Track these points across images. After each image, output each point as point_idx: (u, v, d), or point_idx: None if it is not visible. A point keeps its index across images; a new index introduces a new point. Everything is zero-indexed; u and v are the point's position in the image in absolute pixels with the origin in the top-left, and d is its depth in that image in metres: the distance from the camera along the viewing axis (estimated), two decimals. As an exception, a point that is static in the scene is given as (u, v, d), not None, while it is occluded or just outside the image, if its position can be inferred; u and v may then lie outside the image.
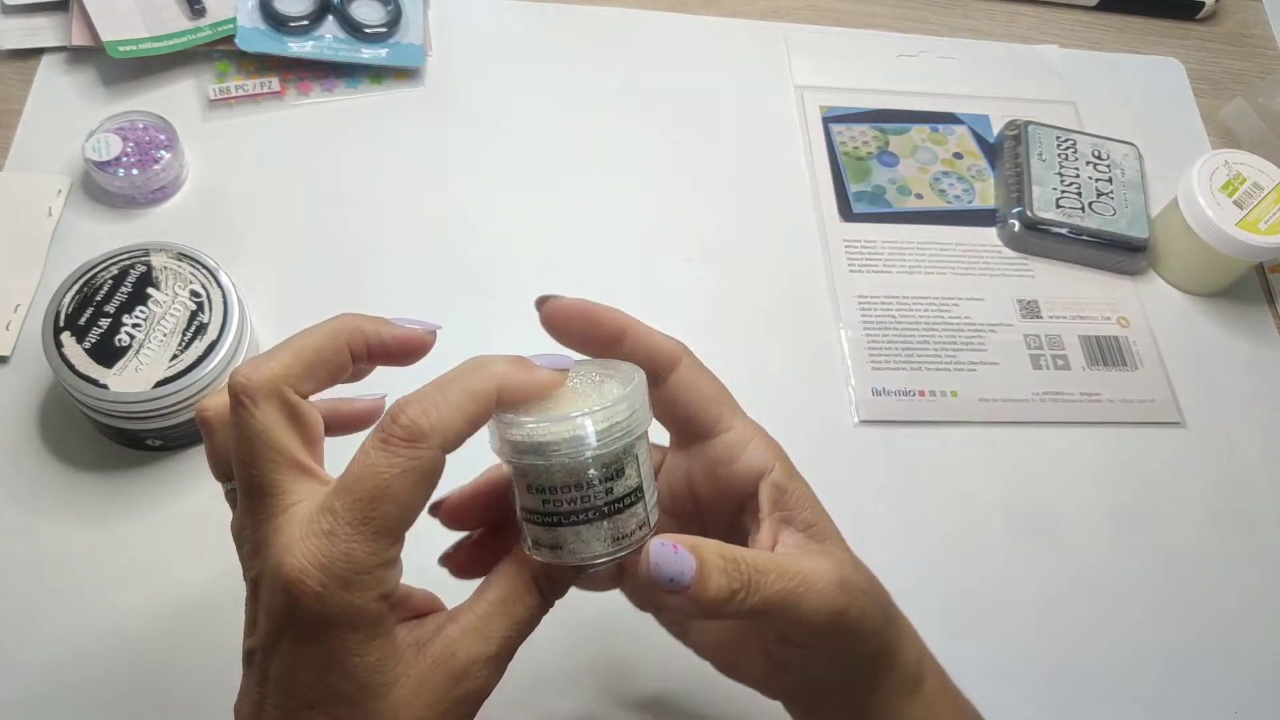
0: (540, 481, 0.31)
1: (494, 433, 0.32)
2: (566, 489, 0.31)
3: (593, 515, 0.31)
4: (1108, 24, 0.80)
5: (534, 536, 0.32)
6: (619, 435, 0.31)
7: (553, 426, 0.31)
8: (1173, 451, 0.61)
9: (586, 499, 0.31)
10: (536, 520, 0.32)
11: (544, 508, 0.31)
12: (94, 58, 0.64)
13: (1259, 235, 0.62)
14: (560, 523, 0.31)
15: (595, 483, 0.31)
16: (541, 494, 0.31)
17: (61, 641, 0.48)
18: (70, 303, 0.50)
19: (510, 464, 0.32)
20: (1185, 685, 0.54)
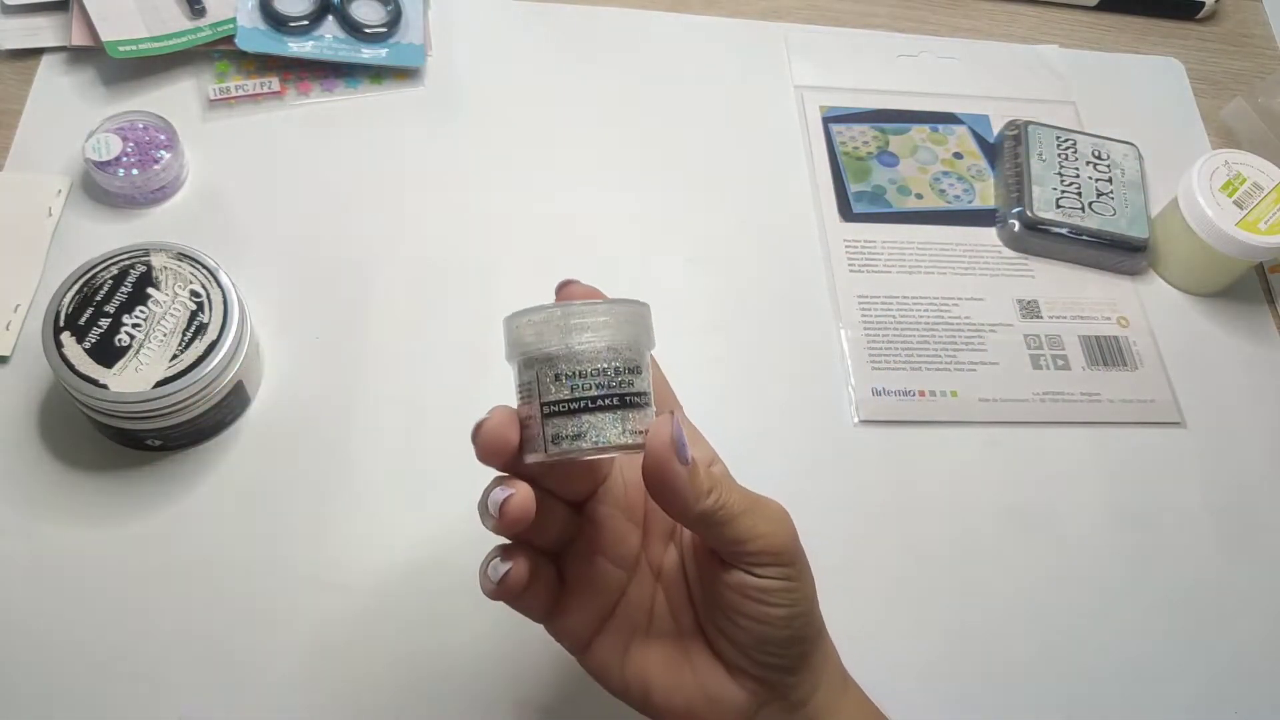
0: (571, 367, 0.34)
1: (518, 326, 0.34)
2: (595, 374, 0.33)
3: (614, 402, 0.34)
4: (1108, 24, 0.80)
5: (554, 431, 0.34)
6: (639, 329, 0.34)
7: (585, 310, 0.34)
8: (1173, 451, 0.61)
9: (610, 385, 0.34)
10: (562, 409, 0.34)
11: (571, 394, 0.33)
12: (94, 58, 0.64)
13: (1259, 235, 0.62)
14: (586, 408, 0.33)
15: (618, 372, 0.34)
16: (571, 380, 0.34)
17: (61, 641, 0.48)
18: (70, 303, 0.50)
19: (536, 355, 0.34)
20: (1185, 685, 0.54)
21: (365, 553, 0.52)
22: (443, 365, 0.58)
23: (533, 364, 0.34)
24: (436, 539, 0.53)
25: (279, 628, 0.49)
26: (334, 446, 0.55)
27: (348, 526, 0.52)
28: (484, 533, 0.53)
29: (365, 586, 0.51)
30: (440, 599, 0.51)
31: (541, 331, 0.34)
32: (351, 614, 0.50)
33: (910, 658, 0.43)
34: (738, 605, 0.36)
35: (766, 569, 0.36)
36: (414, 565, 0.52)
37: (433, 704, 0.49)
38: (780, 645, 0.37)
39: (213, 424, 0.53)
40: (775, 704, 0.38)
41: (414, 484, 0.54)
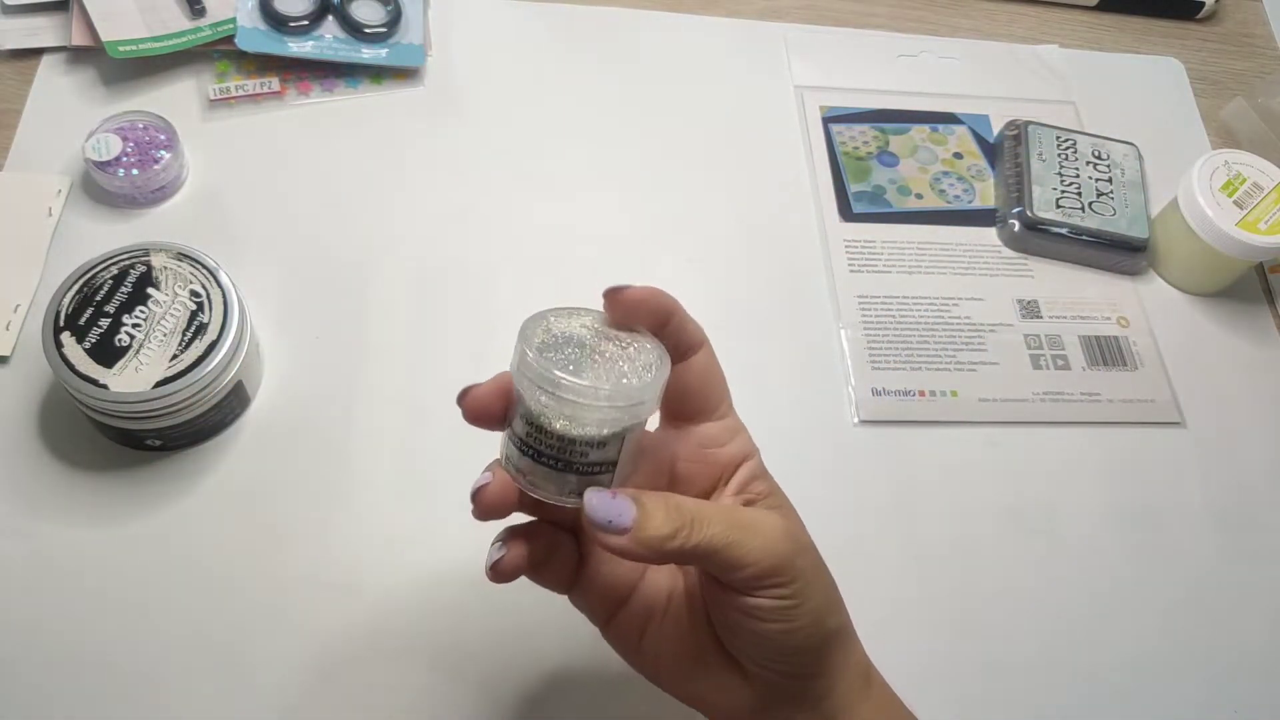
0: (536, 419, 0.34)
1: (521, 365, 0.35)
2: (553, 436, 0.34)
3: (564, 468, 0.34)
4: (1108, 24, 0.80)
5: (508, 453, 0.36)
6: (624, 422, 0.34)
7: (576, 383, 0.33)
8: (1173, 451, 0.61)
9: (567, 452, 0.34)
10: (518, 445, 0.35)
11: (528, 439, 0.35)
12: (94, 58, 0.64)
13: (1259, 235, 0.62)
14: (536, 458, 0.35)
15: (580, 444, 0.34)
16: (532, 427, 0.34)
17: (61, 641, 0.48)
18: (70, 303, 0.50)
19: (520, 387, 0.35)
20: (1185, 685, 0.54)
21: (365, 552, 0.52)
22: (442, 365, 0.58)
23: (520, 386, 0.35)
24: (437, 538, 0.53)
25: (279, 627, 0.49)
26: (334, 446, 0.55)
27: (347, 526, 0.52)
28: (484, 530, 0.53)
29: (366, 586, 0.51)
30: (441, 597, 0.51)
31: (534, 382, 0.34)
32: (352, 613, 0.50)
33: (909, 657, 0.43)
34: (737, 621, 0.36)
35: (763, 590, 0.35)
36: (414, 564, 0.52)
37: (435, 702, 0.49)
38: (785, 655, 0.36)
39: (213, 424, 0.53)
40: (791, 701, 0.38)
41: (414, 483, 0.54)
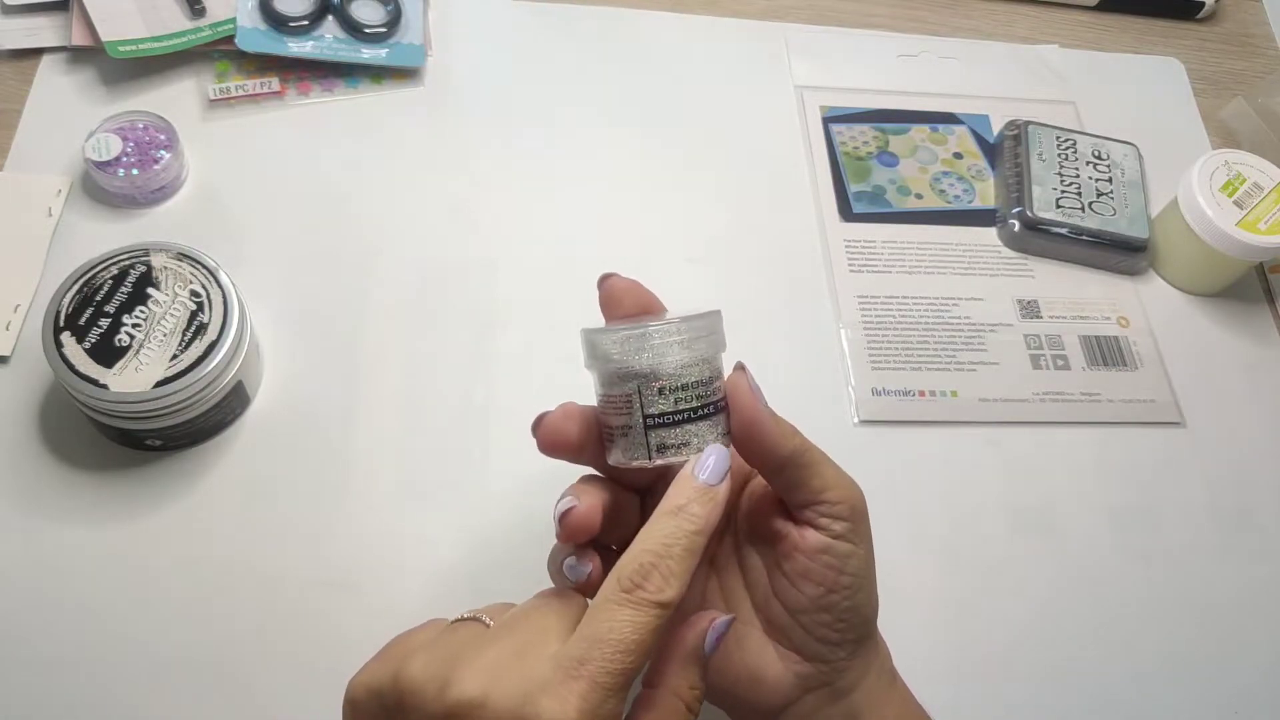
0: (673, 380, 0.36)
1: (610, 343, 0.36)
2: (694, 387, 0.36)
3: (711, 410, 0.37)
4: (1108, 24, 0.80)
5: (659, 440, 0.37)
6: (717, 340, 0.38)
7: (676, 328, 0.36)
8: (1173, 451, 0.61)
9: (706, 396, 0.36)
10: (667, 422, 0.36)
11: (676, 407, 0.36)
12: (94, 58, 0.64)
13: (1259, 235, 0.62)
14: (689, 418, 0.36)
15: (709, 382, 0.37)
16: (675, 394, 0.36)
17: (61, 641, 0.48)
18: (70, 303, 0.50)
19: (636, 371, 0.36)
20: (1185, 685, 0.54)
21: (366, 552, 0.52)
22: (443, 365, 0.58)
23: (629, 378, 0.36)
24: (437, 537, 0.53)
25: (279, 626, 0.49)
26: (334, 446, 0.55)
27: (347, 526, 0.52)
28: (484, 530, 0.53)
29: (366, 585, 0.51)
30: (441, 597, 0.51)
31: (641, 347, 0.36)
32: (352, 613, 0.50)
33: (909, 657, 0.43)
34: (807, 570, 0.37)
35: (840, 524, 0.37)
36: (414, 564, 0.52)
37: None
38: (839, 614, 0.37)
39: (213, 424, 0.53)
40: (820, 690, 0.38)
41: (413, 483, 0.54)
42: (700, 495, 0.35)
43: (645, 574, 0.33)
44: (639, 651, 0.32)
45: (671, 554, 0.34)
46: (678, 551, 0.34)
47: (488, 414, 0.56)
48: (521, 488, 0.54)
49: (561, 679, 0.31)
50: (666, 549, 0.34)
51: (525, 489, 0.55)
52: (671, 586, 0.33)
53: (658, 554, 0.34)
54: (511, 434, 0.56)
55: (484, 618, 0.35)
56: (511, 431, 0.56)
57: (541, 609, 0.35)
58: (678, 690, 0.35)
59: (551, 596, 0.36)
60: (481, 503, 0.54)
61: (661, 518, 0.35)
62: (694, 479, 0.35)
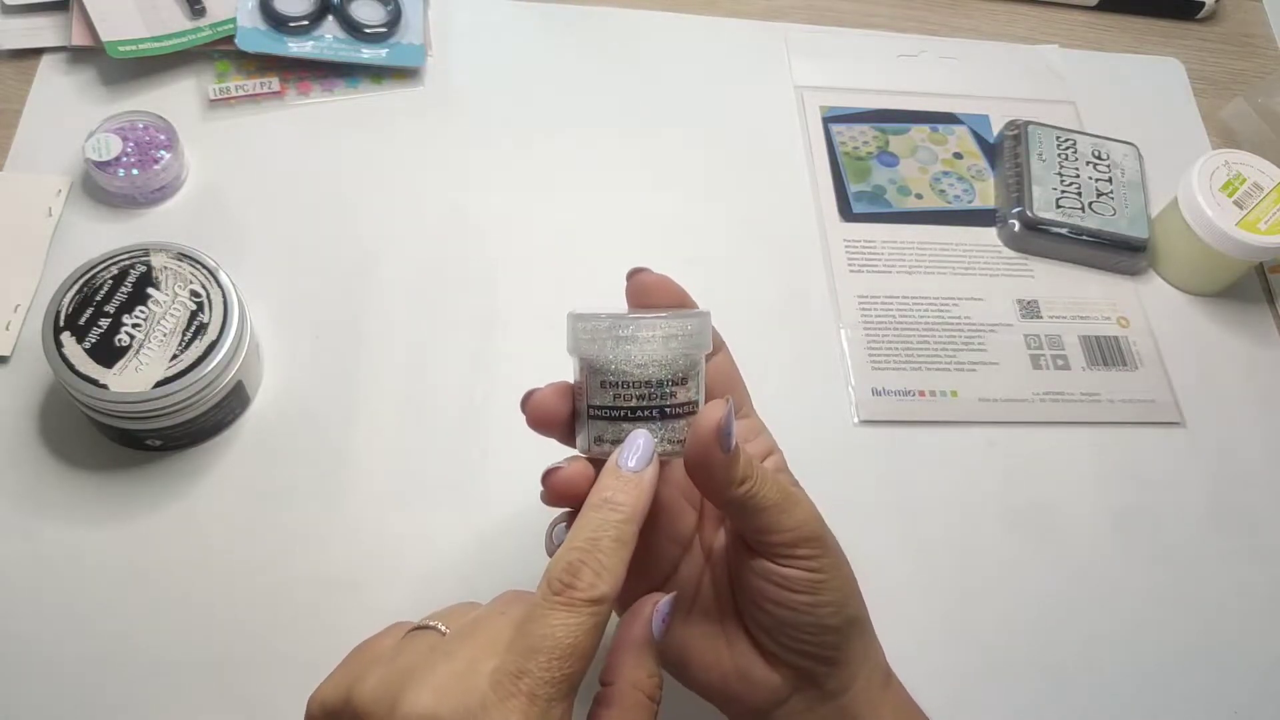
0: (615, 377, 0.36)
1: (576, 329, 0.36)
2: (638, 385, 0.35)
3: (654, 414, 0.36)
4: (1108, 24, 0.80)
5: (598, 433, 0.36)
6: (693, 353, 0.36)
7: (637, 324, 0.35)
8: (1173, 451, 0.61)
9: (651, 398, 0.36)
10: (605, 416, 0.36)
11: (614, 403, 0.36)
12: (94, 58, 0.64)
13: (1259, 235, 0.62)
14: (625, 416, 0.36)
15: (661, 384, 0.36)
16: (614, 389, 0.36)
17: (61, 641, 0.48)
18: (70, 303, 0.50)
19: (587, 360, 0.36)
20: (1185, 685, 0.54)
21: (365, 551, 0.52)
22: (442, 365, 0.58)
23: (584, 366, 0.36)
24: (436, 537, 0.53)
25: (279, 626, 0.49)
26: (334, 446, 0.55)
27: (347, 525, 0.52)
28: (484, 530, 0.53)
29: (365, 585, 0.51)
30: (440, 596, 0.51)
31: (594, 337, 0.35)
32: (352, 612, 0.50)
33: (909, 658, 0.43)
34: (762, 590, 0.37)
35: (790, 558, 0.36)
36: (414, 563, 0.52)
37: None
38: (806, 632, 0.37)
39: (213, 424, 0.53)
40: (809, 690, 0.38)
41: (413, 483, 0.54)
42: (624, 484, 0.35)
43: (574, 571, 0.32)
44: (576, 655, 0.31)
45: (600, 547, 0.33)
46: (606, 544, 0.33)
47: (487, 414, 0.56)
48: (521, 488, 0.54)
49: (501, 697, 0.30)
50: (593, 543, 0.33)
51: (525, 489, 0.54)
52: (604, 581, 0.33)
53: (585, 549, 0.33)
54: (511, 434, 0.56)
55: (440, 626, 0.35)
56: (511, 431, 0.55)
57: (494, 616, 0.34)
58: (636, 681, 0.34)
59: (510, 600, 0.35)
60: (481, 502, 0.54)
61: (587, 512, 0.34)
62: (618, 468, 0.35)
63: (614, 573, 0.33)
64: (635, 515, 0.34)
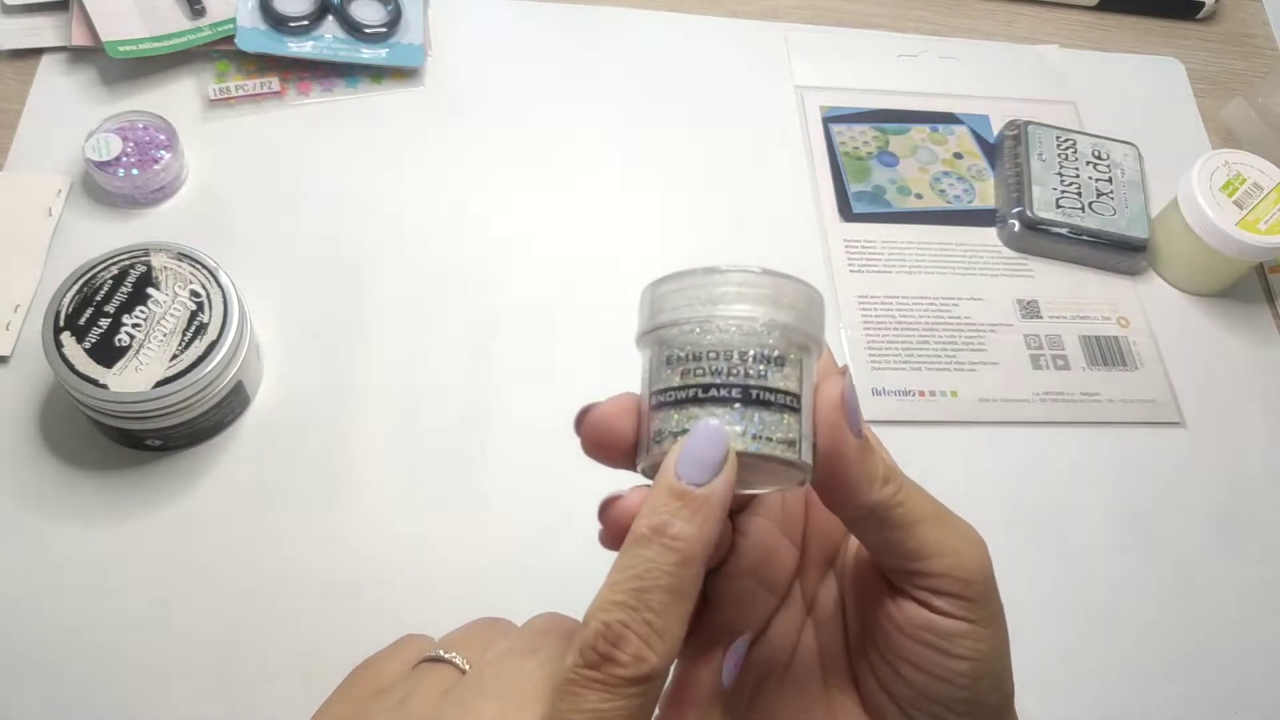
0: (683, 348, 0.26)
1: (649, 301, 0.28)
2: (712, 356, 0.26)
3: (735, 394, 0.26)
4: (1108, 24, 0.80)
5: (659, 426, 0.26)
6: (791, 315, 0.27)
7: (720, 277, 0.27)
8: (1173, 451, 0.61)
9: (732, 373, 0.26)
10: (670, 400, 0.26)
11: (681, 380, 0.26)
12: (94, 58, 0.64)
13: (1259, 235, 0.62)
14: (695, 399, 0.26)
15: (748, 357, 0.26)
16: (682, 364, 0.26)
17: (61, 641, 0.48)
18: (70, 303, 0.50)
19: (654, 336, 0.27)
20: (1185, 685, 0.54)
21: (365, 552, 0.52)
22: (443, 365, 0.58)
23: (649, 344, 0.27)
24: (436, 538, 0.53)
25: (279, 626, 0.49)
26: (334, 446, 0.55)
27: (347, 526, 0.52)
28: (483, 531, 0.53)
29: (365, 585, 0.51)
30: (440, 597, 0.51)
31: (665, 302, 0.27)
32: (351, 612, 0.50)
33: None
34: (905, 650, 0.28)
35: (948, 601, 0.27)
36: (413, 564, 0.52)
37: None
38: (954, 708, 0.28)
39: (213, 424, 0.53)
40: None
41: (413, 483, 0.54)
42: (681, 505, 0.25)
43: (615, 639, 0.24)
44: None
45: (649, 603, 0.25)
46: (658, 597, 0.25)
47: (487, 414, 0.56)
48: (521, 489, 0.55)
49: None
50: (640, 595, 0.25)
51: (524, 490, 0.55)
52: (654, 650, 0.24)
53: (630, 605, 0.25)
54: (511, 435, 0.56)
55: (458, 659, 0.29)
56: (511, 432, 0.56)
57: (522, 659, 0.27)
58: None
59: (543, 632, 0.29)
60: (481, 503, 0.54)
61: (632, 548, 0.25)
62: (674, 479, 0.25)
63: (668, 638, 0.25)
64: (698, 552, 0.25)
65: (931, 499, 0.28)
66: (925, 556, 0.27)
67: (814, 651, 0.32)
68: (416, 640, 0.30)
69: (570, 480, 0.54)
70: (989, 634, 0.28)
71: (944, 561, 0.27)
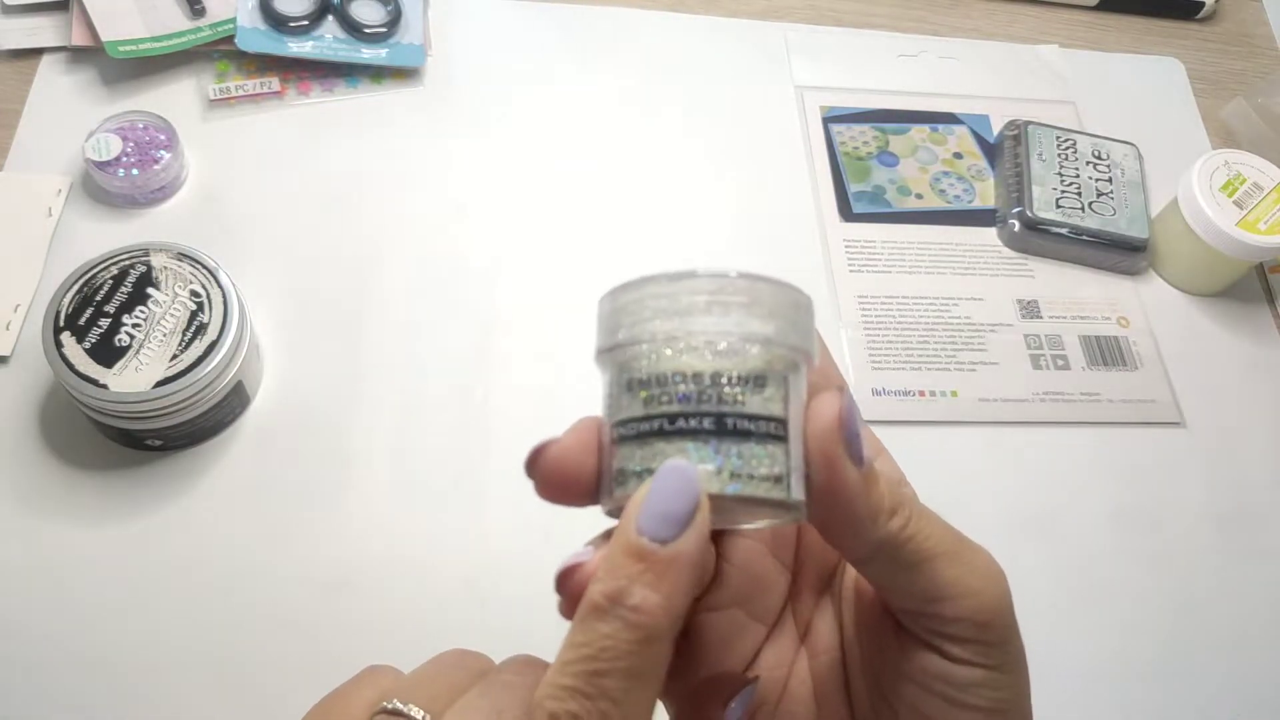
0: (645, 370, 0.23)
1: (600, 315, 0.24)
2: (678, 380, 0.22)
3: (707, 424, 0.22)
4: (1108, 24, 0.80)
5: (621, 464, 0.23)
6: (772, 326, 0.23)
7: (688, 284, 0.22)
8: (1173, 451, 0.61)
9: (703, 398, 0.22)
10: (632, 434, 0.23)
11: (645, 409, 0.22)
12: (94, 58, 0.64)
13: (1259, 235, 0.62)
14: (661, 430, 0.22)
15: (721, 379, 0.22)
16: (645, 388, 0.22)
17: (61, 641, 0.48)
18: (70, 303, 0.50)
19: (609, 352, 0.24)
20: (1185, 686, 0.54)
21: (365, 552, 0.52)
22: (442, 365, 0.58)
23: (608, 364, 0.24)
24: (437, 538, 0.53)
25: (278, 626, 0.49)
26: (334, 446, 0.55)
27: (347, 526, 0.52)
28: (483, 530, 0.53)
29: (366, 586, 0.51)
30: (440, 597, 0.51)
31: (624, 315, 0.23)
32: (353, 613, 0.50)
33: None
34: (913, 698, 0.25)
35: (966, 648, 0.24)
36: (413, 564, 0.52)
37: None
38: None
39: (213, 424, 0.53)
40: None
41: (413, 483, 0.54)
42: (643, 568, 0.21)
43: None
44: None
45: (606, 690, 0.21)
46: (616, 684, 0.21)
47: (487, 414, 0.56)
48: (521, 488, 0.54)
49: None
50: (595, 682, 0.21)
51: (525, 489, 0.54)
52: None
53: (583, 692, 0.21)
54: (511, 434, 0.56)
55: (416, 713, 0.24)
56: (510, 432, 0.56)
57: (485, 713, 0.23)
58: None
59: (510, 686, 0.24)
60: (480, 503, 0.54)
61: (583, 621, 0.22)
62: (635, 535, 0.21)
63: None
64: (664, 625, 0.21)
65: (945, 526, 0.25)
66: (940, 599, 0.24)
67: (808, 686, 0.29)
68: (381, 676, 0.26)
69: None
70: (1009, 680, 0.25)
71: (961, 605, 0.24)
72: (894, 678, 0.26)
